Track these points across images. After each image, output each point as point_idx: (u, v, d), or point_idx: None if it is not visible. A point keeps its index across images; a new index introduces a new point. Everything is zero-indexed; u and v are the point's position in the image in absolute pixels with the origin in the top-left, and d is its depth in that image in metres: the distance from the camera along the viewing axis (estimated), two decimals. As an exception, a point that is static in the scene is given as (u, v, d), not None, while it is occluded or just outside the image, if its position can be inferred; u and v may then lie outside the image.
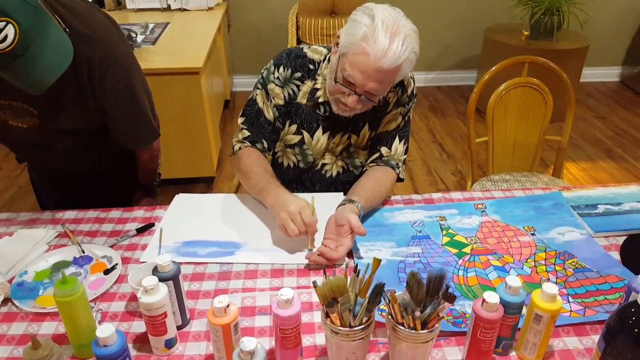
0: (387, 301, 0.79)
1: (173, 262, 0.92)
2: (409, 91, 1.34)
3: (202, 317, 0.99)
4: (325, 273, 0.84)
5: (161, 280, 0.88)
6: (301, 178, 1.44)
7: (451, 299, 0.74)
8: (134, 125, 1.32)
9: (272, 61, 1.35)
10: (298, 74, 1.33)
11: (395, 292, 0.78)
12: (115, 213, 1.30)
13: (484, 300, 0.79)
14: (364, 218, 1.26)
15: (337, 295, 0.77)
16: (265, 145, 1.36)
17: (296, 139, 1.37)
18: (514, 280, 0.81)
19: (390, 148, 1.36)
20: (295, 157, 1.40)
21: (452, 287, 1.04)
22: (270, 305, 1.01)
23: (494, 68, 2.00)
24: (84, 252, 1.14)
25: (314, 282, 0.80)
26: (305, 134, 1.36)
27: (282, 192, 1.19)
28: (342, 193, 1.36)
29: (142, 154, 1.44)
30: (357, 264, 0.85)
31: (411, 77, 1.34)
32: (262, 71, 1.36)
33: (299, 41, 3.64)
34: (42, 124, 1.19)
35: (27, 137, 1.23)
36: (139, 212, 1.31)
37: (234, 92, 4.11)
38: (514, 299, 0.81)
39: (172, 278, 0.90)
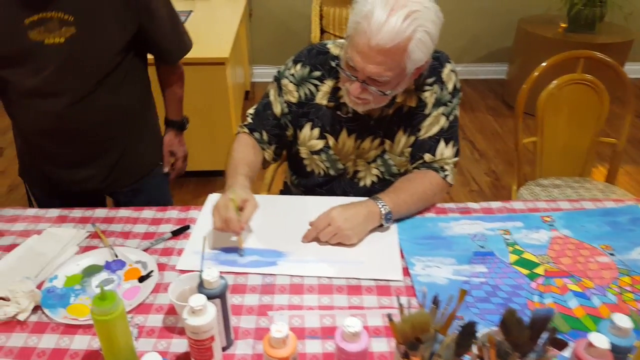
0: (479, 343, 0.68)
1: (220, 276, 0.82)
2: (450, 87, 1.22)
3: (247, 338, 0.89)
4: (400, 306, 0.73)
5: (208, 297, 0.78)
6: (332, 187, 1.33)
7: (561, 345, 0.63)
8: (176, 26, 1.33)
9: (292, 57, 1.26)
10: (317, 73, 1.22)
11: (475, 326, 0.67)
12: (148, 213, 1.21)
13: (589, 343, 0.67)
14: (416, 229, 1.15)
15: (419, 333, 0.67)
16: (265, 137, 1.27)
17: (320, 144, 1.26)
18: (622, 319, 0.70)
19: (434, 154, 1.23)
20: (322, 164, 1.29)
21: (527, 317, 0.93)
22: (321, 327, 0.91)
23: (544, 63, 1.84)
24: (116, 255, 1.05)
25: (389, 316, 0.70)
26: (330, 138, 1.25)
27: (235, 182, 1.11)
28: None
29: (172, 76, 1.43)
30: (436, 296, 0.74)
31: (452, 71, 1.22)
32: (282, 66, 1.27)
33: (322, 31, 3.50)
34: (79, 31, 1.13)
35: (59, 64, 1.14)
36: (173, 213, 1.21)
37: (254, 83, 4.00)
38: (623, 342, 0.70)
39: (219, 295, 0.80)
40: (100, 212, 1.21)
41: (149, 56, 1.36)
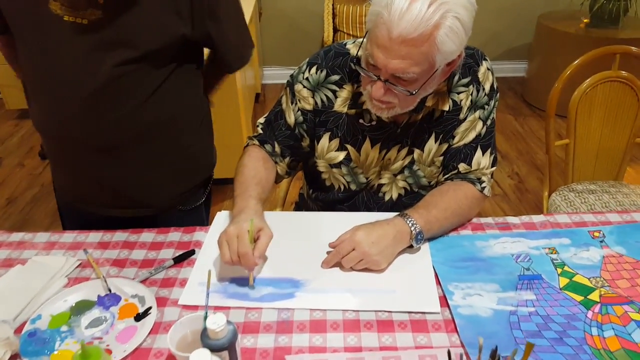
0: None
1: (228, 322, 0.69)
2: (488, 87, 1.07)
3: (262, 388, 0.76)
4: (449, 357, 0.59)
5: (214, 350, 0.65)
6: (354, 203, 1.19)
7: None
8: (242, 36, 1.15)
9: (307, 59, 1.11)
10: (335, 77, 1.08)
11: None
12: (147, 236, 1.08)
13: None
14: (451, 249, 1.01)
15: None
16: (278, 149, 1.13)
17: (340, 156, 1.12)
18: None
19: (470, 164, 1.09)
20: (343, 178, 1.15)
21: (587, 354, 0.79)
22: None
23: (577, 61, 1.69)
24: (110, 290, 0.93)
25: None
26: (350, 149, 1.11)
27: (247, 206, 0.97)
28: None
29: (214, 79, 1.26)
30: (496, 348, 0.60)
31: (489, 69, 1.08)
32: (295, 69, 1.13)
33: (335, 30, 3.37)
34: (106, 18, 0.97)
35: (76, 46, 0.98)
36: (176, 235, 1.08)
37: (265, 85, 3.87)
38: None
39: (227, 347, 0.67)
40: (94, 237, 1.08)
41: None
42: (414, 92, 0.93)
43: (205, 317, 0.75)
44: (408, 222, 0.98)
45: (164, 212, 1.20)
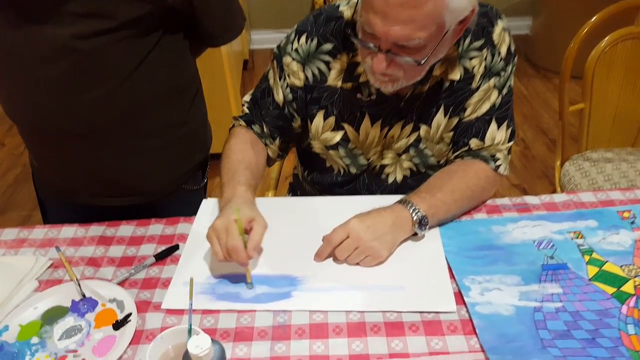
0: None
1: (213, 341, 0.59)
2: (504, 51, 0.94)
3: (257, 407, 0.67)
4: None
5: (197, 377, 0.55)
6: (354, 186, 1.08)
7: None
8: (231, 5, 1.01)
9: (295, 26, 0.97)
10: (328, 46, 0.94)
11: None
12: (125, 229, 0.97)
13: None
14: (464, 236, 0.91)
15: None
16: (266, 130, 1.01)
17: (337, 136, 1.00)
18: None
19: (483, 139, 0.97)
20: (341, 160, 1.04)
21: (625, 357, 0.70)
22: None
23: (595, 17, 1.54)
24: (84, 295, 0.82)
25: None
26: (348, 128, 0.99)
27: (235, 195, 0.87)
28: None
29: (196, 53, 1.10)
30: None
31: (505, 29, 0.94)
32: (283, 39, 0.99)
33: (329, -13, 3.17)
34: None
35: (42, 20, 0.83)
36: (157, 228, 0.97)
37: (253, 51, 3.67)
38: None
39: (213, 372, 0.57)
40: (67, 231, 0.97)
41: None
42: (422, 62, 0.80)
43: (190, 331, 0.65)
44: (408, 207, 0.87)
45: (159, 199, 1.09)
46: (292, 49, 0.96)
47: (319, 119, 1.00)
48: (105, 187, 1.04)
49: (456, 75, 0.93)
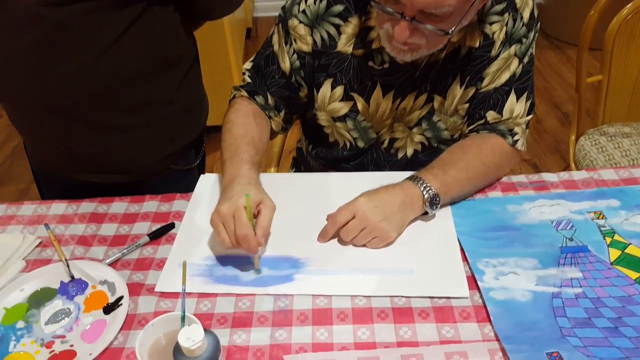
0: None
1: (207, 331, 0.54)
2: (527, 15, 0.87)
3: (256, 398, 0.63)
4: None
5: (190, 370, 0.51)
6: (362, 161, 1.02)
7: None
8: None
9: None
10: (339, 7, 0.87)
11: None
12: (118, 206, 0.92)
13: None
14: (478, 216, 0.85)
15: None
16: (271, 102, 0.94)
17: (346, 107, 0.93)
18: None
19: (501, 112, 0.91)
20: (349, 133, 0.97)
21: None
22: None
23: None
24: (73, 276, 0.78)
25: None
26: (358, 98, 0.92)
27: (240, 174, 0.80)
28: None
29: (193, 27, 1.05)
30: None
31: None
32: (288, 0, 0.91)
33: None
34: None
35: None
36: (152, 205, 0.92)
37: (256, 19, 3.55)
38: None
39: (207, 365, 0.53)
40: (57, 207, 0.92)
41: None
42: (450, 31, 0.73)
43: (183, 318, 0.61)
44: (419, 184, 0.81)
45: (146, 179, 1.03)
46: (298, 11, 0.89)
47: (326, 88, 0.93)
48: (86, 164, 0.99)
49: (475, 41, 0.86)
